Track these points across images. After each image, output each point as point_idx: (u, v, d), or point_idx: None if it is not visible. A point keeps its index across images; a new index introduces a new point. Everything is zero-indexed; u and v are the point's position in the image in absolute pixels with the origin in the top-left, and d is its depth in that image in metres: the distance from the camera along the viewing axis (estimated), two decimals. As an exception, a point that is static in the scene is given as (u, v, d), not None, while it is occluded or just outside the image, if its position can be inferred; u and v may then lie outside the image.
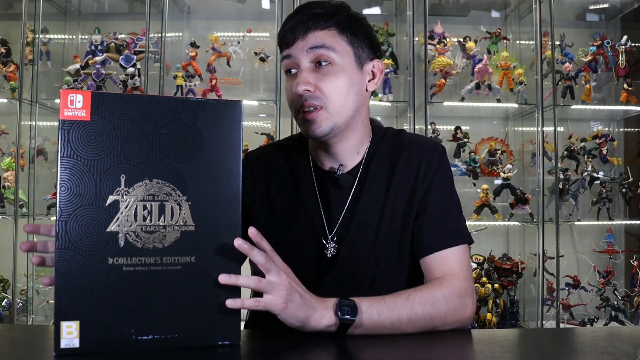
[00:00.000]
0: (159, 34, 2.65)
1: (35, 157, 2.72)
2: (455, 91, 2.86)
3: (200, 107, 0.77)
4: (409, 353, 0.85)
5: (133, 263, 0.74)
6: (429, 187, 1.05)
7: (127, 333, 0.73)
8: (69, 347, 0.71)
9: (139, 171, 0.74)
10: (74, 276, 0.72)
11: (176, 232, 0.76)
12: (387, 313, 0.89)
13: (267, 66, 2.84)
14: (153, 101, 0.76)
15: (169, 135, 0.76)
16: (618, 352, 0.77)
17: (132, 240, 0.74)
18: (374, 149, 1.11)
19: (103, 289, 0.73)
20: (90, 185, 0.73)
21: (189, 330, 0.76)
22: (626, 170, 2.84)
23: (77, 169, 0.72)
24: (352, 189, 1.08)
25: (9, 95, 2.68)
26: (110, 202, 0.73)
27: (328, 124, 1.01)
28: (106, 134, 0.73)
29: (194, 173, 0.76)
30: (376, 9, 3.11)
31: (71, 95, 0.73)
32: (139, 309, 0.74)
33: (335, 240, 1.06)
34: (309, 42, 1.01)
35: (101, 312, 0.72)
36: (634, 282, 2.76)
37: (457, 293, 0.96)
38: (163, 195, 0.75)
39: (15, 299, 2.62)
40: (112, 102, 0.74)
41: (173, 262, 0.76)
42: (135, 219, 0.74)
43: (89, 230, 0.72)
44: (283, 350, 0.83)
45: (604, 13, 3.10)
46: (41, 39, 2.78)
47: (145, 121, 0.75)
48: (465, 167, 2.78)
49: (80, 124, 0.73)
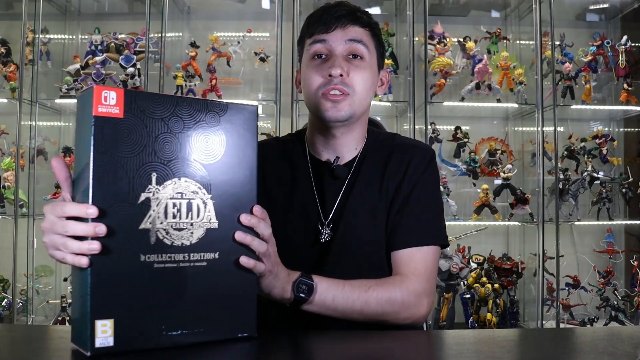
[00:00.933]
0: (159, 34, 2.65)
1: (35, 157, 2.72)
2: (455, 91, 2.86)
3: (222, 110, 0.80)
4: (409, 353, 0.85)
5: (164, 260, 0.75)
6: (414, 185, 1.10)
7: (158, 329, 0.74)
8: (104, 346, 0.71)
9: (169, 170, 0.75)
10: (107, 274, 0.71)
11: (202, 230, 0.77)
12: (341, 300, 0.96)
13: (267, 66, 2.84)
14: (182, 101, 0.77)
15: (196, 136, 0.78)
16: (618, 352, 0.77)
17: (162, 237, 0.75)
18: (370, 146, 1.17)
19: (136, 286, 0.73)
20: (124, 182, 0.73)
21: (212, 324, 0.78)
22: (626, 170, 2.84)
23: (111, 165, 0.72)
24: (347, 180, 1.13)
25: (9, 95, 2.68)
26: (142, 199, 0.74)
27: (349, 111, 1.07)
28: (138, 132, 0.74)
29: (217, 172, 0.79)
30: (376, 9, 3.11)
31: (105, 91, 0.72)
32: (170, 305, 0.75)
33: (331, 227, 1.11)
34: (348, 34, 1.08)
35: (134, 309, 0.73)
36: (634, 282, 2.76)
37: (415, 292, 1.02)
38: (190, 194, 0.77)
39: (15, 299, 2.62)
40: (144, 100, 0.75)
41: (199, 258, 0.77)
42: (166, 217, 0.75)
43: (122, 227, 0.72)
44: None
45: (604, 13, 3.10)
46: (41, 39, 2.78)
47: (174, 120, 0.76)
48: (465, 167, 2.78)
49: (113, 120, 0.72)
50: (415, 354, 0.85)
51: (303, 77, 1.14)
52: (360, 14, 1.11)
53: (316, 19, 1.10)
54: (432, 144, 2.72)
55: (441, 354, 0.85)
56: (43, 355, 0.76)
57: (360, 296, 0.97)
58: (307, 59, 1.12)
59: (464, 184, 2.86)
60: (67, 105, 2.90)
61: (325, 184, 1.14)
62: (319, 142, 1.16)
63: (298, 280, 0.93)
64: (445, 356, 0.84)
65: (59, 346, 0.80)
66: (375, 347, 0.83)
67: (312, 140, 1.18)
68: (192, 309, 0.77)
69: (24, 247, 2.64)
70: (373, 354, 0.80)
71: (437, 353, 0.86)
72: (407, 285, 1.02)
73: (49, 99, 2.79)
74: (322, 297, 0.94)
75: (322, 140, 1.15)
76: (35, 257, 2.68)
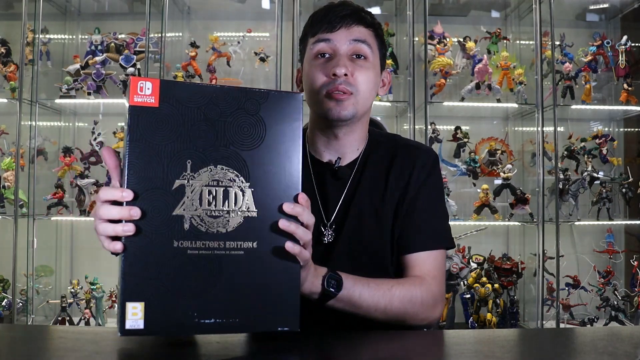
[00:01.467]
0: (159, 34, 2.65)
1: (35, 157, 2.72)
2: (455, 91, 2.86)
3: (263, 97, 0.80)
4: (409, 353, 0.85)
5: (197, 247, 0.75)
6: (420, 187, 1.11)
7: (190, 316, 0.74)
8: (134, 329, 0.72)
9: (204, 157, 0.76)
10: (140, 258, 0.73)
11: (239, 218, 0.77)
12: (367, 297, 0.96)
13: (267, 66, 2.84)
14: (219, 90, 0.78)
15: (233, 124, 0.78)
16: (618, 352, 0.77)
17: (196, 224, 0.75)
18: (371, 147, 1.17)
19: (168, 271, 0.74)
20: (159, 169, 0.74)
21: (249, 315, 0.77)
22: (626, 170, 2.84)
23: (145, 153, 0.74)
24: (349, 181, 1.13)
25: (9, 95, 2.68)
26: (176, 186, 0.74)
27: (352, 110, 1.07)
28: (174, 120, 0.75)
29: (256, 161, 0.78)
30: (376, 9, 3.11)
31: (140, 82, 0.74)
32: (202, 293, 0.75)
33: (334, 228, 1.11)
34: (353, 34, 1.08)
35: (166, 295, 0.73)
36: (634, 282, 2.75)
37: (432, 296, 1.04)
38: (227, 181, 0.77)
39: (15, 299, 2.62)
40: (180, 89, 0.76)
41: (236, 247, 0.77)
42: (200, 204, 0.75)
43: (156, 212, 0.73)
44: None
45: (604, 13, 3.10)
46: (41, 39, 2.78)
47: (210, 109, 0.77)
48: (465, 167, 2.78)
49: (149, 109, 0.74)
50: (415, 353, 0.85)
51: (305, 76, 1.12)
52: (364, 14, 1.11)
53: (320, 18, 1.09)
54: (432, 144, 2.72)
55: (441, 354, 0.85)
56: (43, 355, 0.76)
57: (385, 294, 0.98)
58: (310, 57, 1.11)
59: (464, 184, 2.86)
60: (67, 105, 2.90)
61: (327, 185, 1.14)
62: (321, 142, 1.15)
63: (328, 274, 0.92)
64: (445, 356, 0.84)
65: (59, 346, 0.80)
66: (375, 347, 0.83)
67: (313, 140, 1.17)
68: (227, 298, 0.76)
69: (24, 247, 2.63)
70: (373, 353, 0.80)
71: (437, 353, 0.86)
72: (426, 287, 1.03)
73: (49, 99, 2.79)
74: (349, 293, 0.94)
75: (323, 141, 1.15)
76: (35, 257, 2.67)
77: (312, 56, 1.10)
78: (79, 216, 2.71)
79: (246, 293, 0.77)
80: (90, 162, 2.75)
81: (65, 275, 2.89)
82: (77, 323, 2.66)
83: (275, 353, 0.79)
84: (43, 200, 2.72)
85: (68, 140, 2.94)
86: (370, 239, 1.09)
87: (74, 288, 2.68)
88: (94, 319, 2.66)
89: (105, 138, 2.76)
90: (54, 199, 2.70)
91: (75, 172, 2.73)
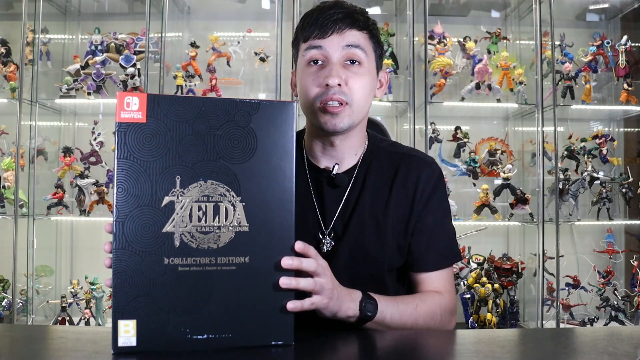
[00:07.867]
0: (159, 34, 2.65)
1: (35, 157, 2.72)
2: (455, 91, 2.86)
3: (253, 108, 0.77)
4: (409, 352, 0.85)
5: (188, 263, 0.75)
6: (428, 202, 1.10)
7: (182, 332, 0.74)
8: (126, 346, 0.72)
9: (193, 172, 0.75)
10: (131, 276, 0.73)
11: (230, 233, 0.76)
12: (397, 318, 0.98)
13: (267, 66, 2.84)
14: (207, 103, 0.76)
15: (223, 137, 0.76)
16: (618, 352, 0.77)
17: (187, 240, 0.74)
18: (372, 153, 1.14)
19: (159, 288, 0.73)
20: (147, 186, 0.73)
21: (242, 330, 0.77)
22: (626, 170, 2.84)
23: (133, 170, 0.73)
24: (348, 188, 1.10)
25: (9, 95, 2.68)
26: (166, 202, 0.74)
27: (348, 121, 1.04)
28: (161, 136, 0.74)
29: (247, 174, 0.77)
30: (376, 9, 3.11)
31: (127, 97, 0.73)
32: (195, 309, 0.75)
33: (332, 236, 1.09)
34: (346, 39, 1.04)
35: (158, 312, 0.73)
36: (634, 282, 2.75)
37: (449, 311, 1.07)
38: (217, 196, 0.76)
39: (15, 299, 2.62)
40: (167, 104, 0.75)
41: (227, 262, 0.76)
42: (191, 220, 0.75)
43: (146, 230, 0.73)
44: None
45: (604, 13, 3.10)
46: (41, 39, 2.78)
47: (199, 122, 0.75)
48: (465, 167, 2.78)
49: (136, 126, 0.73)
50: (415, 353, 0.85)
51: (299, 83, 1.09)
52: (357, 15, 1.06)
53: (311, 22, 1.04)
54: (432, 144, 2.72)
55: (441, 353, 0.85)
56: (43, 355, 0.76)
57: (412, 314, 1.00)
58: (302, 64, 1.07)
59: (464, 184, 2.86)
60: (67, 105, 2.90)
61: (325, 192, 1.11)
62: (317, 149, 1.12)
63: (365, 300, 0.93)
64: (445, 356, 0.84)
65: (59, 346, 0.80)
66: (375, 347, 0.83)
67: (310, 146, 1.14)
68: (220, 313, 0.75)
69: (24, 247, 2.63)
70: (373, 353, 0.80)
71: (437, 353, 0.86)
72: (444, 303, 1.06)
73: (49, 99, 2.79)
74: (382, 316, 0.95)
75: (320, 147, 1.12)
76: (35, 257, 2.67)
77: (305, 63, 1.06)
78: (79, 216, 2.71)
79: (239, 308, 0.76)
80: (90, 162, 2.75)
81: (65, 275, 2.89)
82: (77, 323, 2.66)
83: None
84: (43, 200, 2.72)
85: (68, 140, 2.93)
86: (370, 248, 1.08)
87: (73, 288, 2.68)
88: (93, 319, 2.66)
89: (105, 138, 2.76)
90: (54, 199, 2.70)
91: (75, 172, 2.73)
